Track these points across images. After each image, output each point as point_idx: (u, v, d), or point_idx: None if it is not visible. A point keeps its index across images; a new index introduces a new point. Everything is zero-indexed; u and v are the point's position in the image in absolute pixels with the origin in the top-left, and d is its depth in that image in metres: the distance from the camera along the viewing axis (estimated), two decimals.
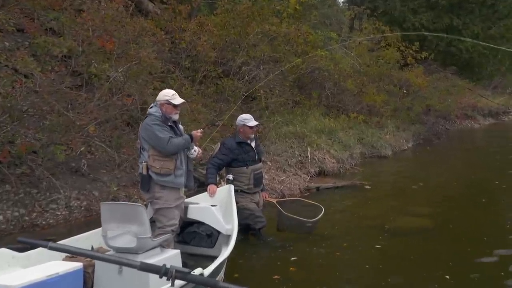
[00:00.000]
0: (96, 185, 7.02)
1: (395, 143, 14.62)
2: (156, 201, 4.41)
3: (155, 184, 4.37)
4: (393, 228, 6.52)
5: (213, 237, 4.82)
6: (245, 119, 5.81)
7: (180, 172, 4.45)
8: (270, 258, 5.42)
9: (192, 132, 4.64)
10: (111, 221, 3.83)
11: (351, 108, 14.99)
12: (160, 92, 4.62)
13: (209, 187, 5.38)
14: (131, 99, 7.57)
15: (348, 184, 9.41)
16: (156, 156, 4.36)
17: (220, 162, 5.70)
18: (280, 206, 6.11)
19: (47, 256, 3.71)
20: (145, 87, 8.08)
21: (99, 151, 7.66)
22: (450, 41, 23.13)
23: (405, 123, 16.65)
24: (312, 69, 13.11)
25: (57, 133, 6.73)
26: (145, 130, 4.42)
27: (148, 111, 4.54)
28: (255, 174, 5.75)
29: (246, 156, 5.72)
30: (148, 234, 3.76)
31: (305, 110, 12.89)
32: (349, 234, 6.33)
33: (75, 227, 6.10)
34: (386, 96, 16.45)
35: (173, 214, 4.43)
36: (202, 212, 4.75)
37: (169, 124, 4.48)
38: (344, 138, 12.49)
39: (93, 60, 8.05)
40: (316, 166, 10.38)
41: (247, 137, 5.79)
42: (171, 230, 4.38)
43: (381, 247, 5.74)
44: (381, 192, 9.13)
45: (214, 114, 7.50)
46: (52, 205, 6.41)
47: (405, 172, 11.75)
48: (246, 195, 5.75)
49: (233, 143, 5.75)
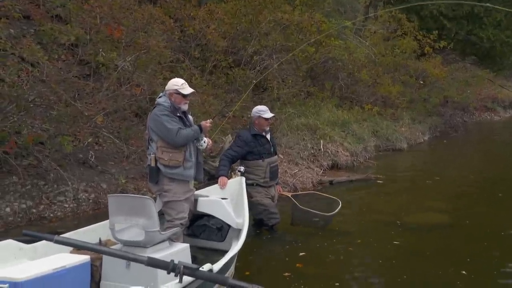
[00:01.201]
0: (104, 177, 7.06)
1: (411, 135, 14.51)
2: (165, 193, 4.40)
3: (163, 176, 4.37)
4: (408, 224, 6.48)
5: (223, 230, 4.81)
6: (261, 110, 5.78)
7: (189, 164, 4.43)
8: (282, 253, 5.41)
9: (201, 123, 4.62)
10: (118, 214, 3.84)
11: (365, 99, 14.86)
12: (169, 82, 4.59)
13: (220, 179, 5.37)
14: (139, 89, 7.57)
15: (362, 178, 9.37)
16: (165, 148, 4.34)
17: (234, 155, 5.69)
18: (295, 200, 6.10)
19: (54, 248, 3.71)
20: (154, 77, 8.07)
21: (107, 142, 7.69)
22: (470, 29, 22.73)
23: (421, 115, 16.51)
24: (325, 59, 13.00)
25: (65, 123, 6.76)
26: (153, 120, 4.40)
27: (157, 101, 4.52)
28: (271, 167, 5.75)
29: (261, 148, 5.71)
30: (156, 228, 3.75)
31: (318, 102, 12.80)
32: (363, 229, 6.30)
33: (83, 220, 6.13)
34: (402, 87, 16.27)
35: (182, 207, 4.43)
36: (212, 205, 4.74)
37: (178, 115, 4.45)
38: (358, 131, 12.41)
39: (101, 49, 8.06)
40: (329, 159, 10.35)
41: (263, 129, 5.78)
42: (180, 223, 4.37)
43: (396, 243, 5.70)
44: (396, 187, 9.09)
45: (224, 105, 7.47)
46: (59, 197, 6.46)
47: (421, 166, 11.68)
48: (262, 189, 5.75)
49: (249, 136, 5.73)
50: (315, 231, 6.06)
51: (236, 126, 8.32)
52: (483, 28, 22.13)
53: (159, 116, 4.35)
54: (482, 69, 22.39)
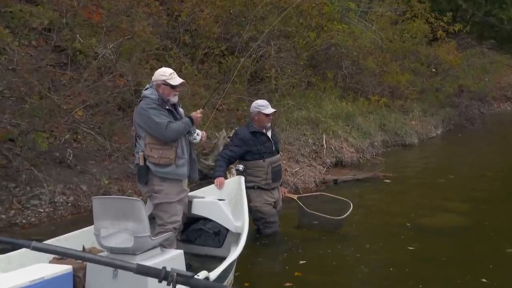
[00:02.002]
0: (84, 178, 7.07)
1: (422, 129, 14.58)
2: (156, 195, 4.42)
3: (154, 176, 4.39)
4: (421, 227, 6.54)
5: (220, 235, 4.84)
6: (260, 105, 5.77)
7: (181, 162, 4.46)
8: (283, 260, 5.46)
9: (191, 114, 4.63)
10: (104, 218, 3.84)
11: (371, 90, 14.91)
12: (156, 72, 4.59)
13: (217, 179, 5.40)
14: (123, 80, 7.56)
15: (369, 177, 9.43)
16: (154, 145, 4.37)
17: (231, 155, 5.69)
18: (301, 202, 6.14)
19: (31, 258, 3.73)
20: (139, 66, 8.07)
21: (87, 139, 7.69)
22: (489, 10, 22.62)
23: (433, 107, 16.55)
24: (328, 46, 13.03)
25: (39, 118, 6.74)
26: (140, 115, 4.41)
27: (143, 94, 4.53)
28: (273, 168, 5.75)
29: (262, 147, 5.71)
30: (146, 233, 3.77)
31: (319, 93, 12.86)
32: (371, 233, 6.35)
33: (60, 226, 6.14)
34: (412, 75, 16.32)
35: (175, 209, 4.45)
36: (208, 207, 4.77)
37: (167, 108, 4.47)
38: (364, 124, 12.48)
39: (78, 34, 8.03)
40: (333, 156, 10.40)
41: (263, 126, 5.78)
42: (173, 227, 4.40)
43: (409, 248, 5.75)
44: (407, 186, 9.16)
45: (216, 97, 7.48)
46: (33, 201, 6.46)
47: (434, 162, 11.76)
48: (263, 193, 5.76)
49: (247, 133, 5.73)
50: (321, 235, 6.10)
51: (230, 120, 8.34)
52: (504, 8, 22.08)
53: (146, 110, 4.36)
54: (501, 54, 22.31)
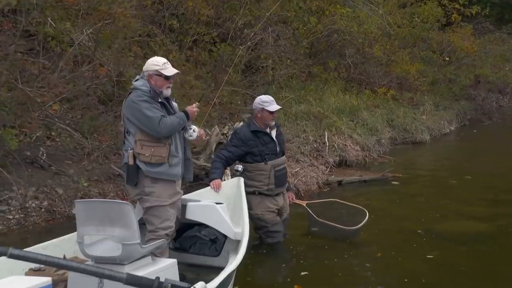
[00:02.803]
0: (60, 180, 7.04)
1: (434, 125, 14.69)
2: (146, 197, 4.41)
3: (144, 176, 4.38)
4: (438, 233, 6.57)
5: (218, 243, 4.83)
6: (264, 101, 5.75)
7: (175, 161, 4.46)
8: (285, 271, 5.46)
9: (186, 108, 4.65)
10: (89, 224, 3.84)
11: (377, 81, 15.01)
12: (147, 61, 4.59)
13: (213, 181, 5.40)
14: (104, 70, 7.52)
15: (378, 178, 9.49)
16: (145, 141, 4.37)
17: (228, 155, 5.68)
18: (311, 209, 6.15)
19: (3, 270, 3.73)
20: (122, 54, 8.02)
21: (62, 136, 7.66)
22: None
23: (446, 100, 16.65)
24: (330, 32, 13.06)
25: (7, 113, 6.69)
26: (130, 108, 4.41)
27: (133, 85, 4.53)
28: (276, 171, 5.74)
29: (264, 148, 5.71)
30: (136, 240, 3.77)
31: (320, 84, 12.91)
32: (382, 240, 6.37)
33: (33, 234, 6.13)
34: (422, 65, 16.41)
35: (168, 214, 4.44)
36: (204, 211, 4.76)
37: (160, 101, 4.48)
38: (370, 120, 12.55)
39: (49, 17, 7.96)
40: (336, 155, 10.45)
41: (266, 125, 5.78)
42: (165, 234, 4.38)
43: (425, 257, 5.76)
44: (419, 188, 9.22)
45: (209, 89, 7.46)
46: (1, 207, 6.43)
47: (448, 162, 11.82)
48: (265, 199, 5.75)
49: (247, 132, 5.73)
50: (324, 243, 6.13)
51: (223, 115, 8.35)
52: None
53: (137, 103, 4.36)
54: None
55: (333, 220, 6.22)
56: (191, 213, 4.77)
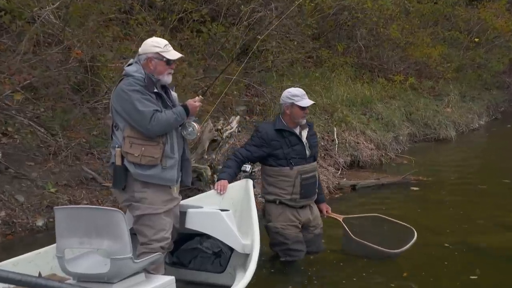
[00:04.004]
0: (20, 185, 6.96)
1: (460, 119, 14.86)
2: (137, 204, 4.40)
3: (134, 180, 4.37)
4: (475, 247, 6.58)
5: (223, 257, 4.85)
6: (295, 95, 5.67)
7: (170, 163, 4.44)
8: None
9: (187, 102, 4.62)
10: (71, 235, 3.82)
11: (392, 67, 15.09)
12: (145, 42, 4.58)
13: (218, 182, 5.40)
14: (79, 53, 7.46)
15: (397, 181, 9.58)
16: (135, 139, 4.35)
17: (247, 155, 5.67)
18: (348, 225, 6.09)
19: None
20: (97, 34, 7.96)
21: (22, 132, 7.61)
22: None
23: (475, 89, 16.79)
24: (339, 9, 13.10)
25: None
26: (119, 98, 4.39)
27: (125, 71, 4.50)
28: (303, 179, 5.66)
29: (290, 150, 5.64)
30: (127, 254, 3.77)
31: (327, 72, 12.97)
32: (408, 255, 6.31)
33: None
34: (446, 48, 16.48)
35: (163, 223, 4.43)
36: (207, 219, 4.75)
37: (156, 91, 4.45)
38: (385, 113, 12.68)
39: None
40: (347, 154, 10.56)
41: (296, 123, 5.72)
42: (160, 247, 4.37)
43: (467, 277, 5.75)
44: (446, 193, 9.30)
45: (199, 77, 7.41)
46: None
47: (478, 162, 11.97)
48: (288, 210, 5.69)
49: (271, 131, 5.68)
50: (341, 258, 6.15)
51: (217, 109, 8.33)
52: None
53: (128, 93, 4.33)
54: None
55: (373, 237, 6.08)
56: (192, 222, 4.76)
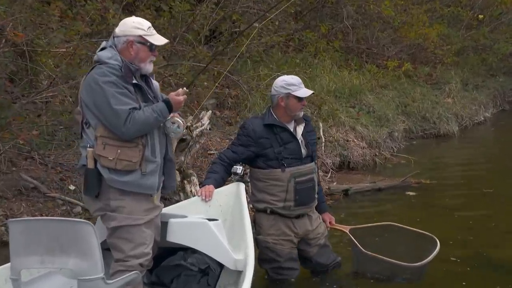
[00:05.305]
0: None
1: (463, 111, 15.06)
2: (113, 214, 4.38)
3: (109, 186, 4.36)
4: (491, 261, 6.71)
5: (211, 274, 4.87)
6: (291, 84, 5.60)
7: (151, 168, 4.42)
8: None
9: (169, 96, 4.57)
10: (30, 252, 3.81)
11: (384, 51, 15.21)
12: (124, 22, 4.56)
13: (203, 188, 5.41)
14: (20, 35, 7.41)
15: (397, 185, 9.75)
16: (109, 139, 4.32)
17: (234, 157, 5.64)
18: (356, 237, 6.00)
19: None
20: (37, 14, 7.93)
21: None
22: None
23: (479, 76, 16.98)
24: None
25: None
26: (90, 92, 4.34)
27: (98, 57, 4.45)
28: (297, 183, 5.59)
29: (281, 149, 5.59)
30: (98, 273, 3.80)
31: (308, 57, 13.09)
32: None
33: None
34: (445, 27, 16.65)
35: (143, 236, 4.43)
36: (192, 230, 4.77)
37: (135, 82, 4.42)
38: (377, 105, 12.80)
39: None
40: (335, 154, 10.67)
41: (291, 117, 5.69)
42: (138, 264, 4.38)
43: None
44: (452, 198, 9.44)
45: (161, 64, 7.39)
46: None
47: (486, 161, 12.19)
48: (281, 220, 5.66)
49: (258, 127, 5.63)
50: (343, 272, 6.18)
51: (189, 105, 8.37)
52: None
53: (101, 86, 4.26)
54: None
55: (387, 250, 5.97)
56: (174, 234, 4.77)
